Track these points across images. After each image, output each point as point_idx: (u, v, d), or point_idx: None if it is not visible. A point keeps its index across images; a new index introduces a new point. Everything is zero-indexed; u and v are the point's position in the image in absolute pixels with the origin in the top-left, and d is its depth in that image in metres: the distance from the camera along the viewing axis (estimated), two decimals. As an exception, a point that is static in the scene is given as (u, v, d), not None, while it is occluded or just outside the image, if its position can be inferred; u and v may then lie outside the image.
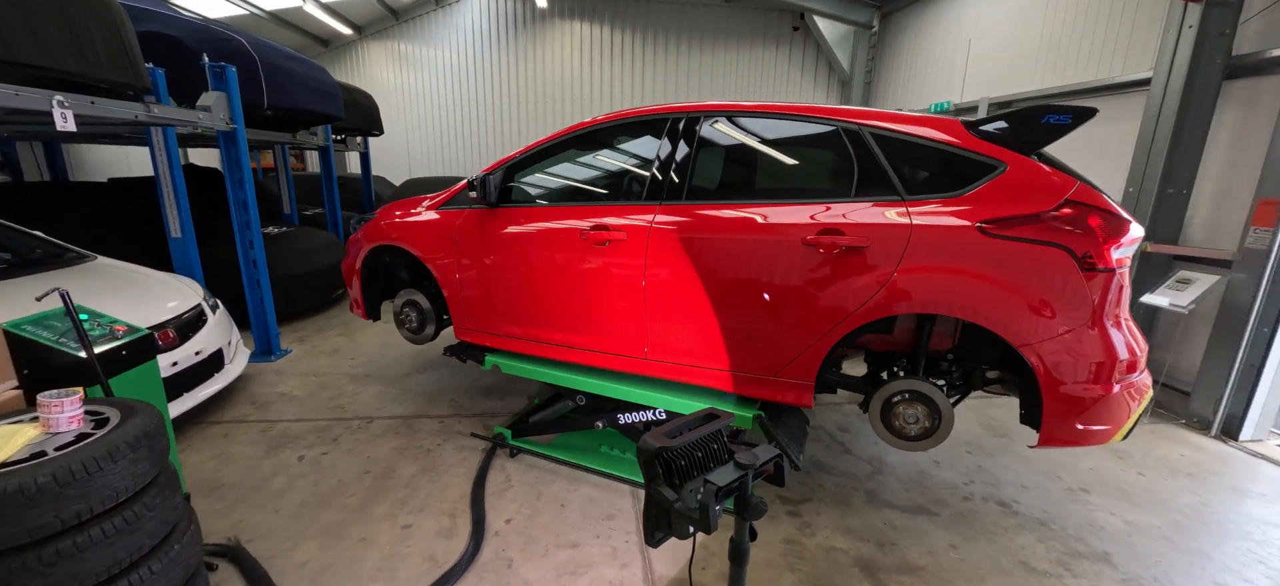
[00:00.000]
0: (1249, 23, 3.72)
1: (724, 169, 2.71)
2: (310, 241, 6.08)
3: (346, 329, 5.52)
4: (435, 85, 11.50)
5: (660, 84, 10.18)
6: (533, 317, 2.98)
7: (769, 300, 2.40)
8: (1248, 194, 3.67)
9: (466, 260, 3.08)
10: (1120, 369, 2.10)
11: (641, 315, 2.65)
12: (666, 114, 2.69)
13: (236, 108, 4.24)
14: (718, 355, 2.57)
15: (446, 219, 3.16)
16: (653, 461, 1.46)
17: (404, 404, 3.83)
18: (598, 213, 2.73)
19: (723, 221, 2.45)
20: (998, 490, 3.03)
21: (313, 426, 3.50)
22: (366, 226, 3.57)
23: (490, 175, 2.92)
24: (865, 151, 2.32)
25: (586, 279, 2.75)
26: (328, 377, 4.27)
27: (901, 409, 2.38)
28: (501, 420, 3.58)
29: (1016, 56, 5.79)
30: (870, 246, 2.22)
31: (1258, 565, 2.53)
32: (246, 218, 4.44)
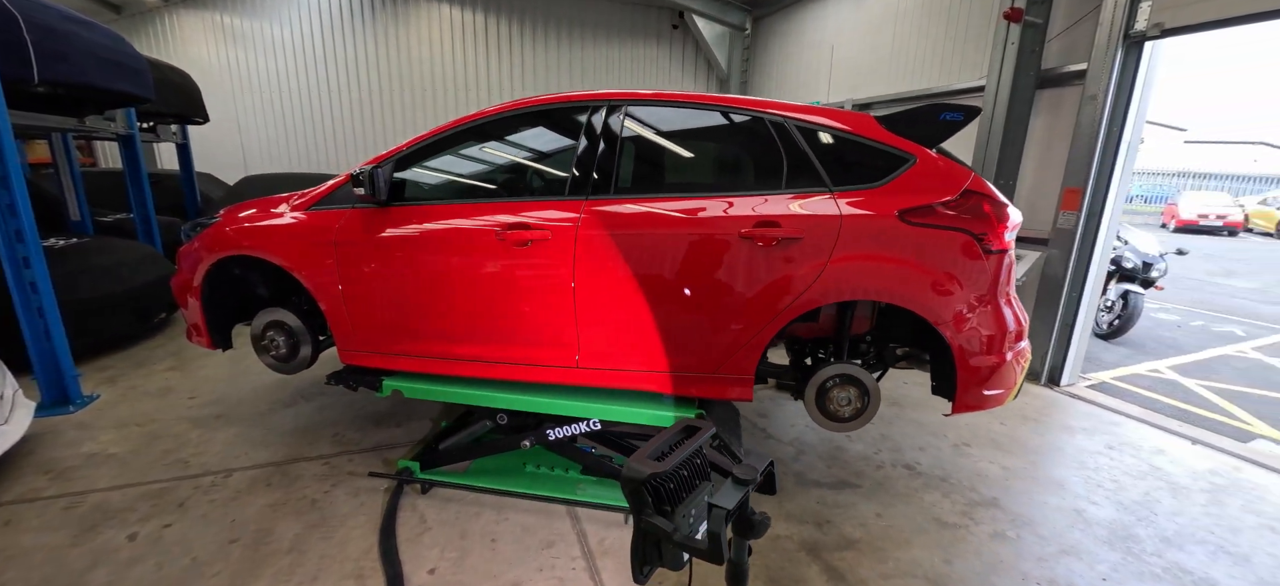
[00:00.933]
0: (1053, 42, 4.50)
1: (654, 162, 2.59)
2: (114, 255, 4.83)
3: (178, 360, 4.47)
4: (275, 68, 9.88)
5: (540, 76, 9.80)
6: (440, 332, 2.61)
7: (708, 296, 2.33)
8: (1057, 184, 4.44)
9: (352, 269, 2.60)
10: (1011, 339, 2.37)
11: (571, 320, 2.44)
12: (591, 101, 2.49)
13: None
14: (656, 356, 2.45)
15: (321, 221, 2.64)
16: (641, 490, 1.29)
17: (273, 447, 3.17)
18: (516, 209, 2.45)
19: (658, 217, 2.33)
20: (902, 455, 3.32)
21: (144, 492, 2.74)
22: (206, 234, 2.87)
23: (380, 168, 2.49)
24: (792, 144, 2.35)
25: (505, 284, 2.46)
26: (159, 425, 3.40)
27: (835, 393, 2.47)
28: (405, 451, 3.12)
29: (872, 63, 6.47)
30: (805, 237, 2.25)
31: (1097, 489, 3.05)
32: (16, 226, 3.35)
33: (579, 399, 2.61)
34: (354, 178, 2.41)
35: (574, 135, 2.48)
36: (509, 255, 2.42)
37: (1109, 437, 3.69)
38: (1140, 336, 6.24)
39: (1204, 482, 3.16)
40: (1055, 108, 4.57)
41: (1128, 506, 2.89)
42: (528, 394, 2.64)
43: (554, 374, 2.56)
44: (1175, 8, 3.68)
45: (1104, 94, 4.01)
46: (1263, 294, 9.17)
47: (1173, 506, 2.92)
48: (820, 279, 2.25)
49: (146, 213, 5.97)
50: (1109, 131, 4.09)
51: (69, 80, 4.12)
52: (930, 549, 2.50)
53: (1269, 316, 7.68)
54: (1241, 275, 10.97)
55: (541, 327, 2.48)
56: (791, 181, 2.32)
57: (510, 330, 2.51)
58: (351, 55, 9.85)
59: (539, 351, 2.52)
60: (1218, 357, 5.79)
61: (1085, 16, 4.22)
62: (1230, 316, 7.58)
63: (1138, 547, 2.57)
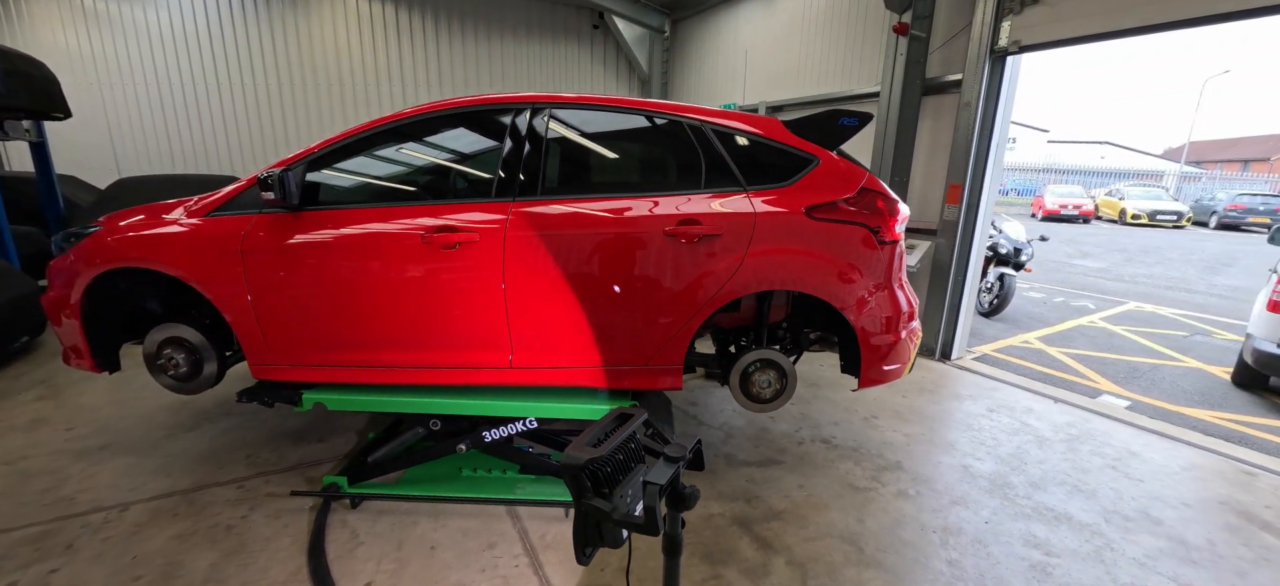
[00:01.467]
0: (934, 54, 5.03)
1: (580, 163, 2.66)
2: (-42, 272, 4.19)
3: (49, 388, 3.96)
4: (147, 56, 8.86)
5: (458, 73, 9.50)
6: (365, 339, 2.53)
7: (636, 291, 2.44)
8: (943, 180, 4.98)
9: (264, 279, 2.45)
10: (905, 319, 2.67)
11: (503, 320, 2.46)
12: (515, 103, 2.51)
13: None
14: (589, 352, 2.53)
15: (224, 227, 2.48)
16: (580, 475, 1.36)
17: (175, 476, 2.91)
18: (441, 212, 2.43)
19: (585, 217, 2.41)
20: (820, 431, 3.62)
21: (21, 537, 2.44)
22: (85, 245, 2.59)
23: (290, 170, 2.37)
24: (709, 146, 2.51)
25: (433, 287, 2.44)
26: (33, 462, 3.02)
27: (757, 376, 2.66)
28: (330, 467, 2.98)
29: (783, 68, 6.89)
30: (724, 233, 2.41)
31: (980, 446, 3.50)
32: None
33: (514, 398, 2.63)
34: (261, 180, 2.28)
35: (499, 137, 2.50)
36: (436, 258, 2.39)
37: (989, 401, 4.22)
38: (1014, 313, 7.12)
39: (1063, 434, 3.71)
40: (938, 112, 5.12)
41: (1004, 459, 3.34)
42: (461, 397, 2.63)
43: (488, 376, 2.57)
44: (1030, 27, 4.26)
45: (976, 101, 4.56)
46: (1108, 272, 10.72)
47: (1039, 456, 3.40)
48: (739, 272, 2.43)
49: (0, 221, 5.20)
50: (981, 133, 4.66)
51: (-111, 70, 3.53)
52: (845, 511, 2.77)
53: (1112, 291, 9.01)
54: (1093, 256, 12.74)
55: (473, 330, 2.48)
56: (710, 182, 2.48)
57: (441, 334, 2.49)
58: (243, 44, 9.05)
59: (471, 354, 2.52)
60: (1074, 328, 6.74)
61: (959, 33, 4.77)
62: (1084, 292, 8.81)
63: (1012, 493, 2.99)
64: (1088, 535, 2.67)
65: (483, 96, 2.56)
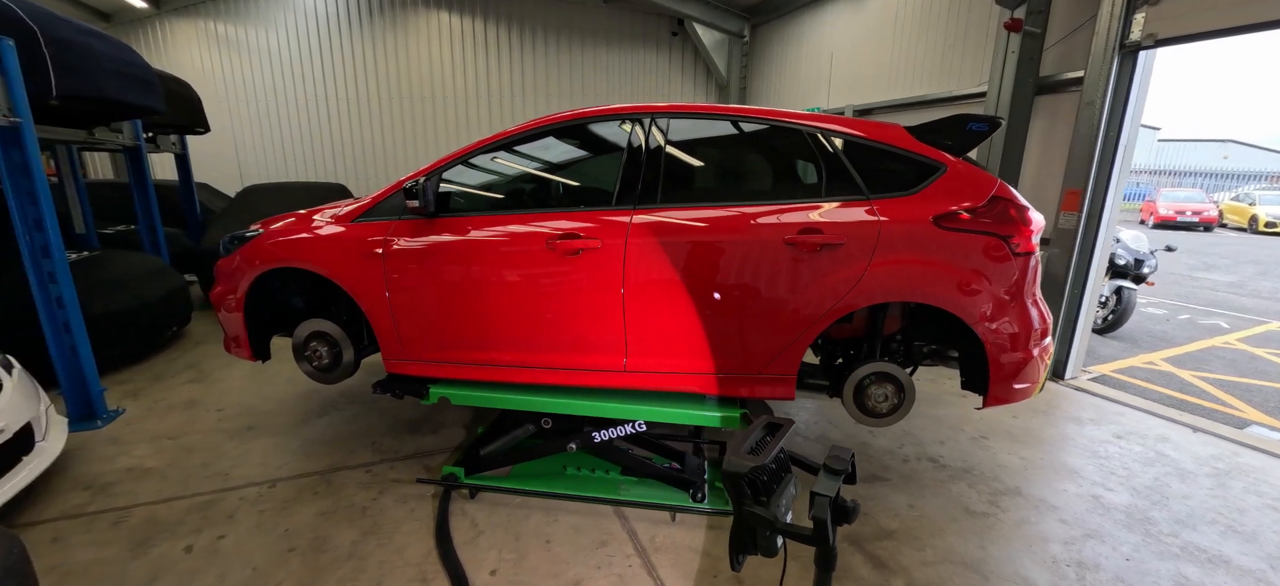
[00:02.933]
0: (1050, 50, 4.70)
1: (698, 171, 2.68)
2: (126, 267, 4.80)
3: (197, 373, 4.46)
4: (268, 76, 9.82)
5: (539, 84, 9.86)
6: (489, 339, 2.67)
7: (754, 300, 2.43)
8: (1056, 185, 4.63)
9: (400, 279, 2.65)
10: (1037, 336, 2.50)
11: (620, 325, 2.52)
12: (635, 113, 2.58)
13: (19, 94, 3.17)
14: (702, 358, 2.54)
15: (367, 231, 2.69)
16: (740, 482, 1.38)
17: (312, 457, 3.19)
18: (563, 218, 2.53)
19: (705, 224, 2.43)
20: (924, 449, 3.45)
21: (190, 505, 2.75)
22: (248, 247, 2.89)
23: (428, 180, 2.55)
24: (829, 154, 2.46)
25: (554, 291, 2.54)
26: (192, 438, 3.40)
27: (873, 389, 2.58)
28: (446, 457, 3.17)
29: (873, 69, 6.65)
30: (846, 243, 2.36)
31: (1110, 475, 3.21)
32: (43, 241, 3.34)
33: (624, 401, 2.69)
34: (406, 189, 2.47)
35: (618, 146, 2.57)
36: (559, 263, 2.49)
37: (1115, 427, 3.86)
38: (1133, 331, 6.49)
39: (1208, 467, 3.34)
40: (1053, 113, 4.76)
41: (1141, 491, 3.05)
42: (573, 398, 2.71)
43: (601, 378, 2.64)
44: (1169, 19, 3.88)
45: (1100, 100, 4.20)
46: (1240, 287, 9.55)
47: (1182, 490, 3.08)
48: (861, 283, 2.37)
49: (153, 224, 5.91)
50: (1107, 135, 4.29)
51: (84, 93, 4.10)
52: (964, 536, 2.62)
53: (1249, 309, 8.02)
54: (1220, 269, 11.40)
55: (590, 332, 2.55)
56: (831, 190, 2.43)
57: (559, 335, 2.59)
58: (348, 63, 9.83)
59: (588, 356, 2.60)
60: (1207, 349, 6.05)
61: (1081, 27, 4.42)
62: (1214, 309, 7.90)
63: (1154, 529, 2.72)
64: (1252, 583, 2.39)
65: (603, 107, 2.65)
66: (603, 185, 2.58)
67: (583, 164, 2.76)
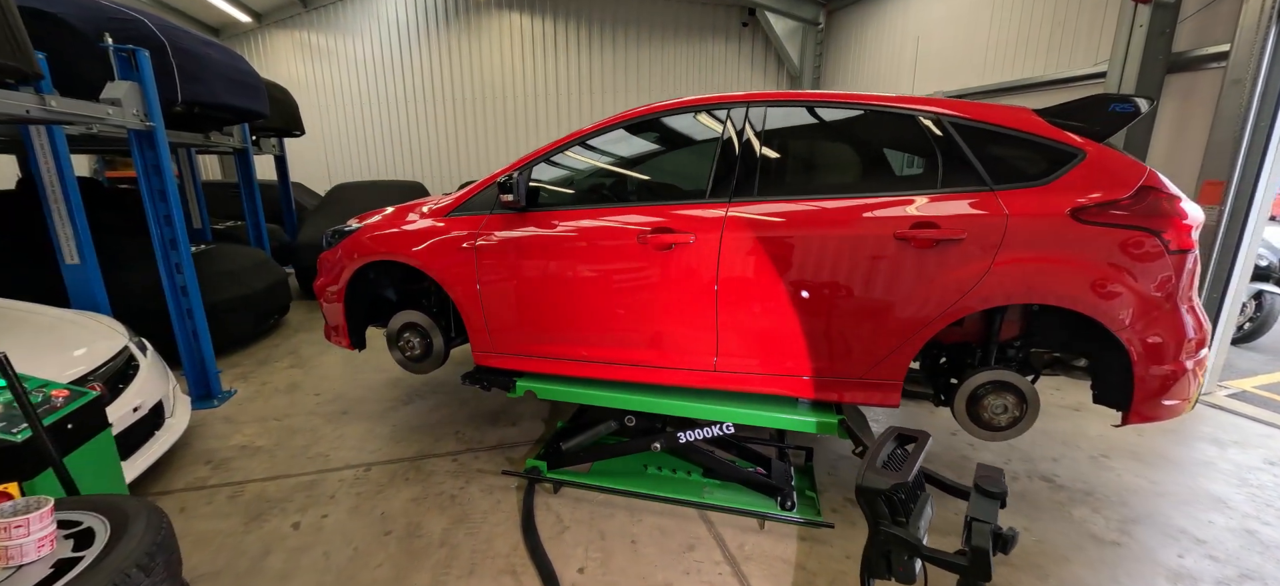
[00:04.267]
0: (1185, 23, 4.16)
1: (799, 162, 2.55)
2: (237, 260, 5.20)
3: (297, 359, 4.76)
4: (353, 82, 10.42)
5: (607, 80, 9.90)
6: (576, 334, 2.65)
7: (860, 300, 2.27)
8: (1191, 175, 4.10)
9: (491, 273, 2.68)
10: (1192, 347, 2.19)
11: (712, 322, 2.43)
12: (729, 102, 2.47)
13: (153, 101, 3.47)
14: (799, 360, 2.41)
15: (460, 226, 2.74)
16: (877, 500, 1.26)
17: (402, 443, 3.31)
18: (657, 213, 2.46)
19: (806, 218, 2.29)
20: (1035, 466, 3.13)
21: (296, 483, 2.91)
22: (348, 241, 3.02)
23: (519, 174, 2.55)
24: (947, 141, 2.25)
25: (645, 286, 2.48)
26: (294, 420, 3.62)
27: (990, 400, 2.35)
28: (526, 450, 3.20)
29: (966, 52, 6.17)
30: (966, 238, 2.15)
31: (1266, 507, 2.79)
32: (171, 234, 3.65)
33: (712, 402, 2.59)
34: (500, 183, 2.48)
35: (712, 137, 2.47)
36: (650, 258, 2.43)
37: (1266, 451, 3.37)
38: (1276, 341, 5.69)
39: (1395, 505, 2.84)
40: (1188, 94, 4.22)
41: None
42: (659, 396, 2.65)
43: (689, 377, 2.56)
44: (1348, -21, 3.32)
45: (1252, 78, 3.67)
46: None
47: (1364, 531, 2.63)
48: (983, 282, 2.15)
49: (258, 220, 6.39)
50: (1258, 119, 3.74)
51: (203, 100, 4.46)
52: (1094, 569, 2.35)
53: None
54: (1377, 273, 9.83)
55: (680, 330, 2.48)
56: (948, 180, 2.23)
57: (647, 332, 2.53)
58: (425, 67, 10.26)
59: (676, 354, 2.52)
60: (1372, 365, 5.20)
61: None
62: (1375, 319, 6.79)
63: (1334, 576, 2.33)
64: None
65: (693, 98, 2.56)
66: (695, 178, 2.50)
67: (674, 156, 2.68)
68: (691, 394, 2.65)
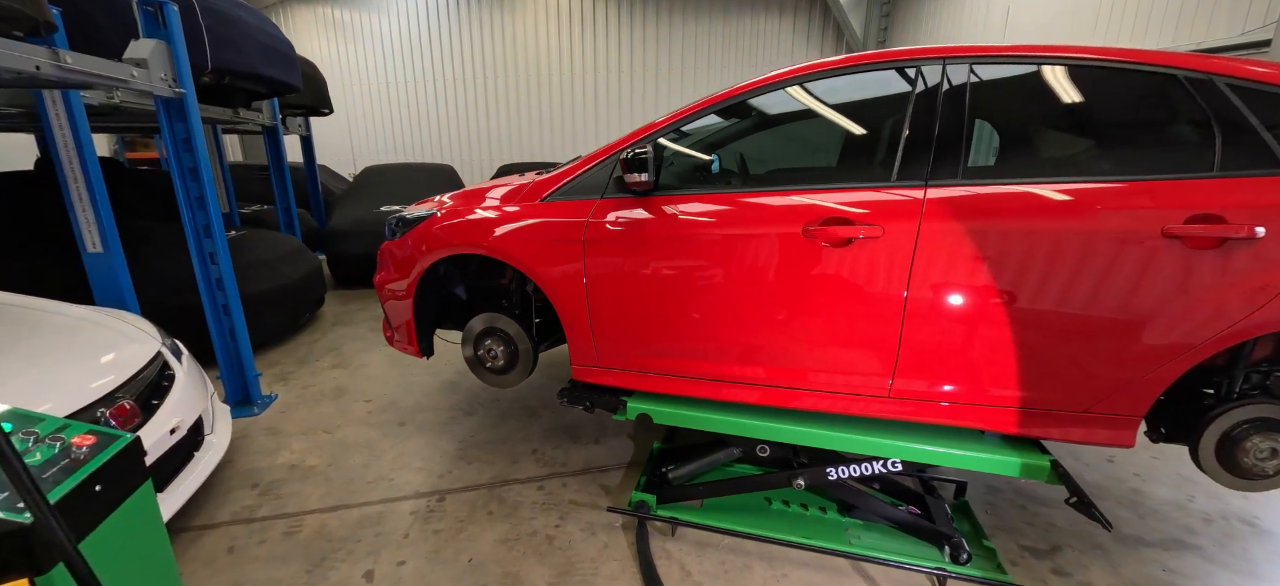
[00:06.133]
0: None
1: (1023, 136, 2.02)
2: (270, 248, 4.75)
3: (339, 357, 4.32)
4: (379, 60, 9.92)
5: (649, 59, 9.33)
6: (710, 348, 2.16)
7: (1106, 312, 1.76)
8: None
9: (605, 271, 2.18)
10: None
11: (894, 337, 1.93)
12: (925, 57, 1.95)
13: (183, 64, 3.00)
14: (1004, 386, 1.90)
15: (564, 213, 2.24)
16: None
17: (474, 464, 2.86)
18: (823, 195, 1.95)
19: (1033, 205, 1.77)
20: (1228, 505, 2.62)
21: (361, 516, 2.47)
22: (421, 230, 2.54)
23: (645, 149, 2.03)
24: (1228, 110, 1.72)
25: (808, 291, 1.98)
26: (346, 432, 3.18)
27: (1254, 443, 1.84)
28: (620, 475, 2.74)
29: (1070, 23, 5.55)
30: (1267, 236, 1.62)
31: None
32: (205, 220, 3.20)
33: (873, 432, 2.10)
34: (625, 159, 1.98)
35: (901, 103, 1.95)
36: (817, 256, 1.92)
37: None
38: None
39: None
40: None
41: None
42: (806, 424, 2.16)
43: (854, 403, 2.06)
44: None
45: None
46: None
47: None
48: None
49: (289, 204, 5.95)
50: None
51: (236, 68, 3.99)
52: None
53: None
54: None
55: (850, 344, 1.98)
56: (1228, 161, 1.70)
57: (805, 347, 2.03)
58: (455, 45, 9.73)
59: (841, 375, 2.03)
60: None
61: None
62: None
63: None
64: None
65: (876, 53, 2.03)
66: (876, 156, 1.98)
67: (850, 128, 2.15)
68: (847, 422, 2.16)
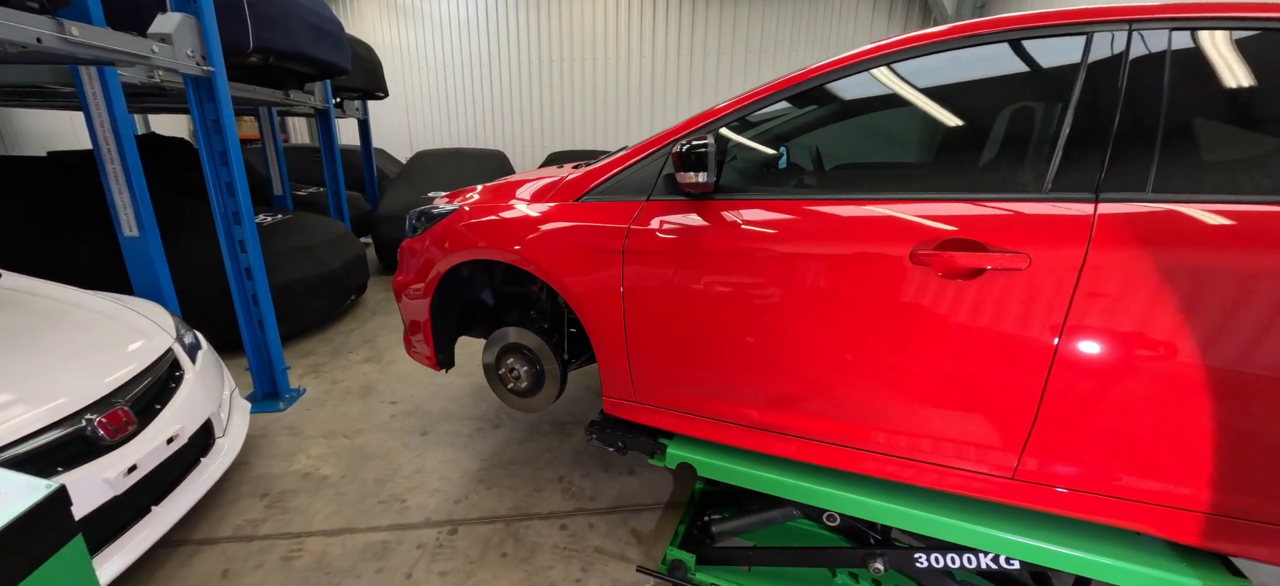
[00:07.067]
0: None
1: (1237, 131, 1.45)
2: (314, 233, 4.67)
3: (372, 350, 4.17)
4: (437, 43, 9.90)
5: (708, 41, 8.80)
6: (779, 395, 1.72)
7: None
8: None
9: (648, 290, 1.79)
10: None
11: (1030, 406, 1.43)
12: (1089, 22, 1.42)
13: (213, 42, 2.82)
14: (1194, 481, 1.36)
15: (602, 216, 1.85)
16: None
17: (494, 488, 2.56)
18: (939, 206, 1.47)
19: (1273, 238, 1.22)
20: None
21: (365, 545, 2.22)
22: (441, 227, 2.23)
23: (706, 141, 1.60)
24: None
25: (913, 335, 1.50)
26: (366, 439, 2.97)
27: None
28: (655, 518, 2.36)
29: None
30: None
31: None
32: (234, 206, 3.05)
33: (992, 521, 1.60)
34: (679, 153, 1.57)
35: (1064, 85, 1.43)
36: (932, 289, 1.44)
37: None
38: None
39: None
40: None
41: None
42: (895, 499, 1.69)
43: (964, 481, 1.57)
44: None
45: None
46: None
47: None
48: None
49: (339, 188, 5.92)
50: None
51: (279, 47, 3.84)
52: None
53: None
54: None
55: (966, 409, 1.49)
56: None
57: (904, 407, 1.56)
58: (510, 27, 9.56)
59: (952, 446, 1.54)
60: None
61: None
62: None
63: None
64: None
65: (1028, 16, 1.50)
66: (1020, 156, 1.48)
67: (970, 118, 1.64)
68: (951, 502, 1.67)
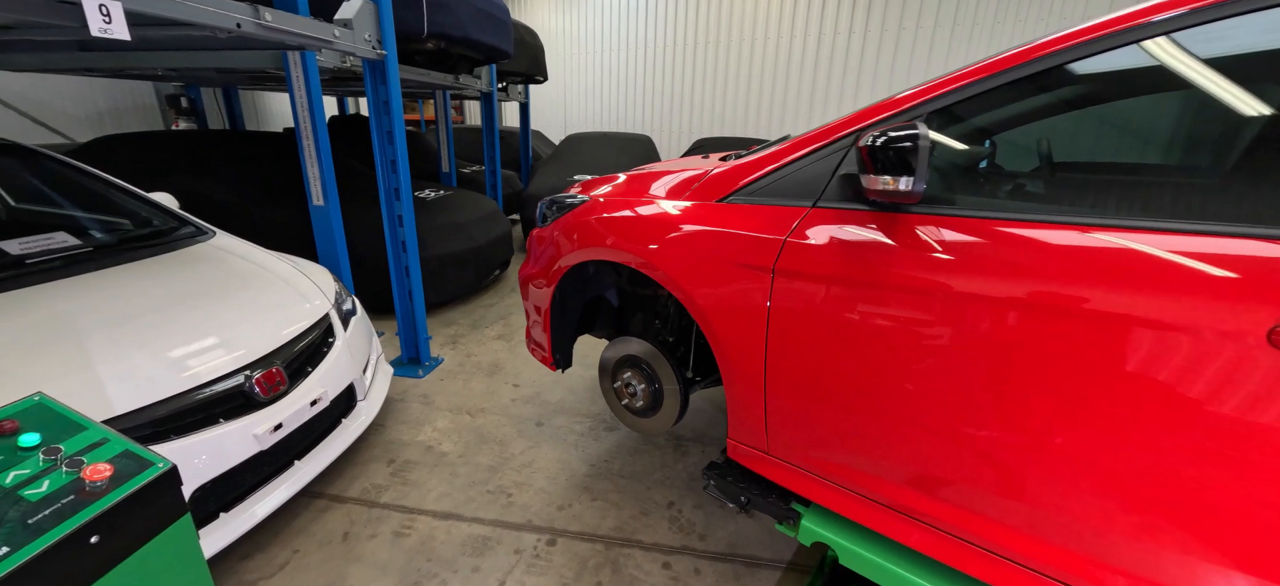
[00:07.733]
0: None
1: None
2: (468, 210, 4.94)
3: (505, 327, 4.29)
4: (598, 26, 10.09)
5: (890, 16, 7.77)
6: (980, 495, 1.25)
7: None
8: None
9: (800, 324, 1.41)
10: None
11: None
12: None
13: (388, 26, 2.98)
14: None
15: (747, 222, 1.51)
16: None
17: (598, 501, 2.38)
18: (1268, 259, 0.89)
19: None
20: None
21: (467, 537, 2.17)
22: (569, 220, 2.06)
23: (913, 132, 1.15)
24: None
25: (1250, 447, 0.94)
26: (486, 420, 2.99)
27: None
28: (771, 575, 1.98)
29: None
30: None
31: None
32: (395, 182, 3.24)
33: None
34: (871, 149, 1.16)
35: None
36: (1269, 366, 0.88)
37: None
38: None
39: None
40: None
41: None
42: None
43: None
44: None
45: None
46: None
47: None
48: None
49: (495, 167, 6.26)
50: None
51: (450, 32, 4.04)
52: None
53: None
54: None
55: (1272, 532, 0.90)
56: None
57: (1188, 516, 1.01)
58: (669, 11, 9.38)
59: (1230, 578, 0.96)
60: None
61: None
62: None
63: None
64: None
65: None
66: None
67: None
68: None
